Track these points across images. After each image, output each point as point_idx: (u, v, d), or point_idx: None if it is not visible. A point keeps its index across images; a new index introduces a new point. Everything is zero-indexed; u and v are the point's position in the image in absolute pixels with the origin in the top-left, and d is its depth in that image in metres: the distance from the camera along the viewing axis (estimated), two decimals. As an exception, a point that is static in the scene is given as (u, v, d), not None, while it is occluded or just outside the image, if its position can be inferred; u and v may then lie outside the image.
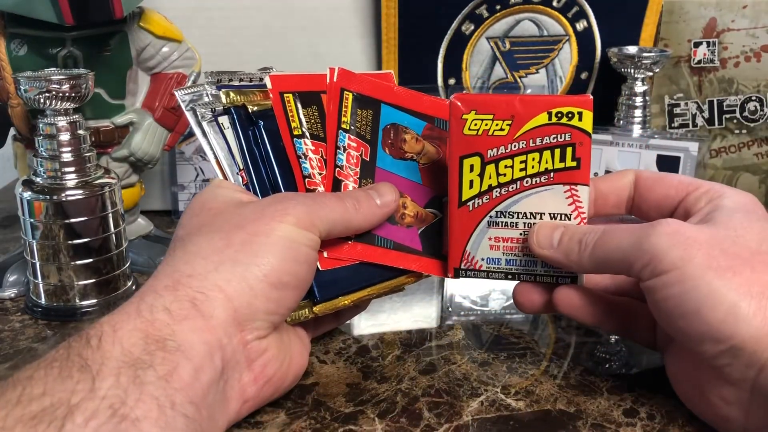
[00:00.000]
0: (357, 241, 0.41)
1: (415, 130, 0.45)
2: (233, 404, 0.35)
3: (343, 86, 0.43)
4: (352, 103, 0.43)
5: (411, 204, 0.44)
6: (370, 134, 0.44)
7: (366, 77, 0.44)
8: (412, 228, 0.44)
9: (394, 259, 0.42)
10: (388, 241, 0.43)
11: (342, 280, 0.41)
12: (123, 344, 0.31)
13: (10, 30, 0.52)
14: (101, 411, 0.28)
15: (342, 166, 0.42)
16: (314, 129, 0.42)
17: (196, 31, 0.60)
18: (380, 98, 0.44)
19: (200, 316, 0.33)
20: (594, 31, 0.71)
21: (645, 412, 0.39)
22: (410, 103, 0.45)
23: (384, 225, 0.42)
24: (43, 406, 0.28)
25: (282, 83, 0.42)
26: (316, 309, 0.40)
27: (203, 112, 0.42)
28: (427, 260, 0.43)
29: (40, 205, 0.49)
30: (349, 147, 0.43)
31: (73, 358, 0.30)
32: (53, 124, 0.48)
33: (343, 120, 0.43)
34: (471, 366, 0.44)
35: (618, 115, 0.69)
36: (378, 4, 0.68)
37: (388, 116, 0.44)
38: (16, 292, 0.54)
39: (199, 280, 0.34)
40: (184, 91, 0.43)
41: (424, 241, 0.44)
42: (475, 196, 0.41)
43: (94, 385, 0.29)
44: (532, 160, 0.40)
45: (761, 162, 0.72)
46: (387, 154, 0.44)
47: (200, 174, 0.71)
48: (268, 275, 0.35)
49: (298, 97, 0.42)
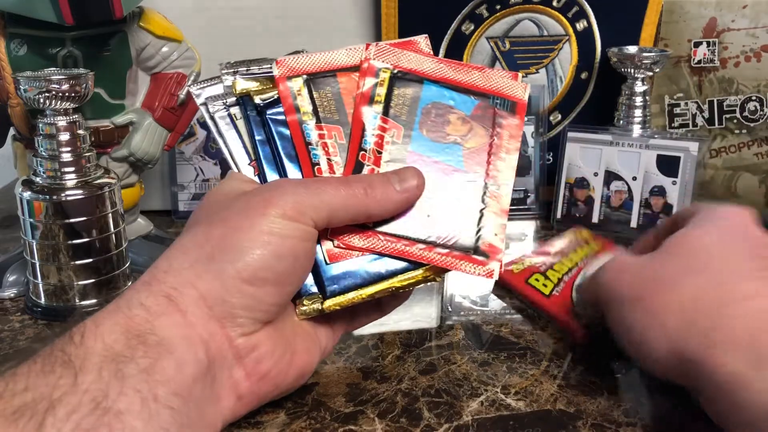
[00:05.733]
0: (377, 230, 0.38)
1: (463, 110, 0.41)
2: (225, 401, 0.35)
3: (379, 62, 0.40)
4: (389, 81, 0.40)
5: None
6: (406, 114, 0.40)
7: (408, 51, 0.41)
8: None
9: (419, 253, 0.38)
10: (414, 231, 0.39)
11: (355, 272, 0.38)
12: (105, 340, 0.31)
13: (10, 30, 0.52)
14: (83, 404, 0.28)
15: (367, 149, 0.39)
16: (328, 112, 0.40)
17: (196, 31, 0.60)
18: (423, 74, 0.41)
19: (177, 311, 0.33)
20: (594, 31, 0.71)
21: (645, 412, 0.39)
22: (459, 78, 0.41)
23: (411, 213, 0.39)
24: (24, 401, 0.28)
25: (290, 67, 0.40)
26: (325, 305, 0.38)
27: (216, 104, 0.41)
28: (457, 255, 0.39)
29: (39, 205, 0.49)
30: (380, 129, 0.39)
31: (56, 354, 0.30)
32: (53, 123, 0.48)
33: (375, 99, 0.40)
34: (471, 366, 0.44)
35: (618, 115, 0.69)
36: (378, 4, 0.68)
37: (431, 94, 0.41)
38: (15, 292, 0.54)
39: (173, 276, 0.34)
40: (199, 85, 0.42)
41: (457, 234, 0.39)
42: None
43: (77, 380, 0.29)
44: None
45: (761, 162, 0.72)
46: (424, 135, 0.40)
47: (200, 174, 0.71)
48: (241, 271, 0.34)
49: (310, 79, 0.40)
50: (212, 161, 0.71)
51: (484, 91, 0.41)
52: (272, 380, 0.36)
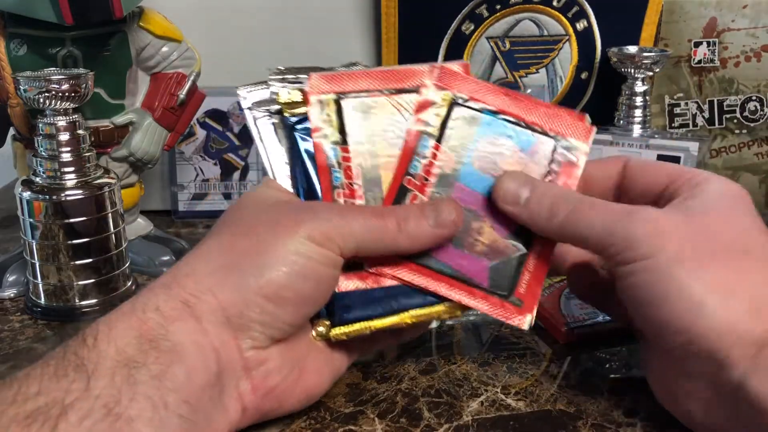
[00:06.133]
0: (410, 260, 0.37)
1: (520, 146, 0.39)
2: (231, 412, 0.34)
3: (441, 87, 0.39)
4: (448, 106, 0.39)
5: (489, 231, 0.38)
6: (460, 142, 0.39)
7: (469, 78, 0.40)
8: (482, 259, 0.38)
9: (448, 289, 0.37)
10: (446, 266, 0.38)
11: (366, 303, 0.37)
12: (117, 343, 0.31)
13: (10, 30, 0.52)
14: (95, 410, 0.28)
15: (415, 175, 0.38)
16: (355, 133, 0.38)
17: (196, 31, 0.60)
18: (485, 104, 0.39)
19: (192, 317, 0.33)
20: (594, 30, 0.71)
21: (645, 412, 0.39)
22: (521, 113, 0.39)
23: (446, 248, 0.38)
24: (37, 405, 0.28)
25: (322, 83, 0.39)
26: (332, 333, 0.37)
27: (260, 110, 0.40)
28: (489, 299, 0.38)
29: (39, 205, 0.49)
30: (431, 155, 0.38)
31: (69, 357, 0.30)
32: (53, 123, 0.48)
33: (430, 125, 0.39)
34: (471, 366, 0.44)
35: (618, 114, 0.69)
36: (378, 4, 0.68)
37: (490, 126, 0.39)
38: (15, 292, 0.54)
39: (194, 281, 0.34)
40: (247, 88, 0.40)
41: (493, 276, 0.38)
42: None
43: (89, 385, 0.29)
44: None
45: (761, 162, 0.72)
46: (476, 168, 0.39)
47: (200, 174, 0.71)
48: (264, 287, 0.33)
49: (344, 98, 0.39)
50: (212, 161, 0.71)
51: (545, 130, 0.39)
52: (277, 397, 0.36)
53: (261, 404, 0.35)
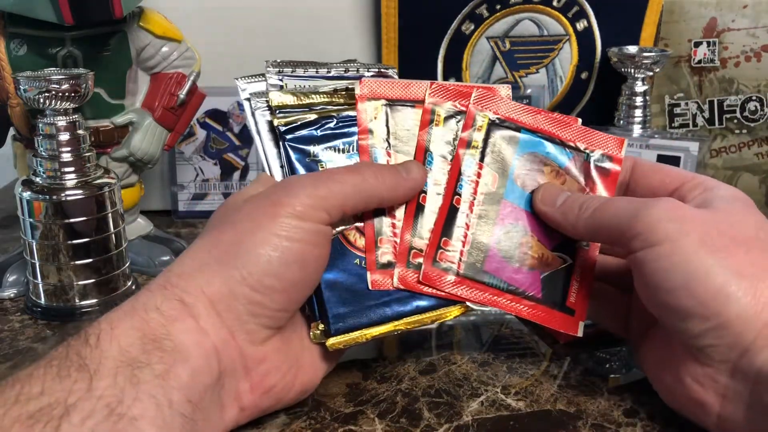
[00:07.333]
0: (464, 277, 0.39)
1: (558, 162, 0.41)
2: (229, 411, 0.34)
3: (479, 109, 0.41)
4: (487, 126, 0.40)
5: (536, 244, 0.40)
6: (502, 162, 0.40)
7: (507, 99, 0.41)
8: (534, 271, 0.40)
9: (506, 303, 0.39)
10: (500, 281, 0.40)
11: (359, 312, 0.38)
12: (120, 343, 0.31)
13: (10, 30, 0.52)
14: (98, 410, 0.28)
15: (461, 193, 0.40)
16: (400, 141, 0.40)
17: (196, 31, 0.60)
18: (521, 123, 0.41)
19: (191, 317, 0.33)
20: (594, 30, 0.71)
21: (645, 412, 0.39)
22: (556, 130, 0.41)
23: (501, 263, 0.40)
24: (40, 406, 0.28)
25: (373, 88, 0.40)
26: (328, 344, 0.38)
27: (257, 102, 0.40)
28: (545, 309, 0.40)
29: (39, 205, 0.49)
30: (476, 174, 0.40)
31: (71, 357, 0.30)
32: (53, 123, 0.48)
33: (473, 145, 0.40)
34: (471, 366, 0.44)
35: (618, 114, 0.69)
36: (378, 4, 0.68)
37: (528, 144, 0.41)
38: (15, 292, 0.54)
39: (185, 280, 0.34)
40: (246, 79, 0.41)
41: (546, 287, 0.40)
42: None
43: (92, 385, 0.29)
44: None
45: (761, 162, 0.72)
46: (519, 186, 0.40)
47: (200, 174, 0.71)
48: (247, 278, 0.34)
49: (389, 105, 0.40)
50: (212, 161, 0.71)
51: (580, 145, 0.42)
52: (276, 395, 0.36)
53: (259, 402, 0.36)
